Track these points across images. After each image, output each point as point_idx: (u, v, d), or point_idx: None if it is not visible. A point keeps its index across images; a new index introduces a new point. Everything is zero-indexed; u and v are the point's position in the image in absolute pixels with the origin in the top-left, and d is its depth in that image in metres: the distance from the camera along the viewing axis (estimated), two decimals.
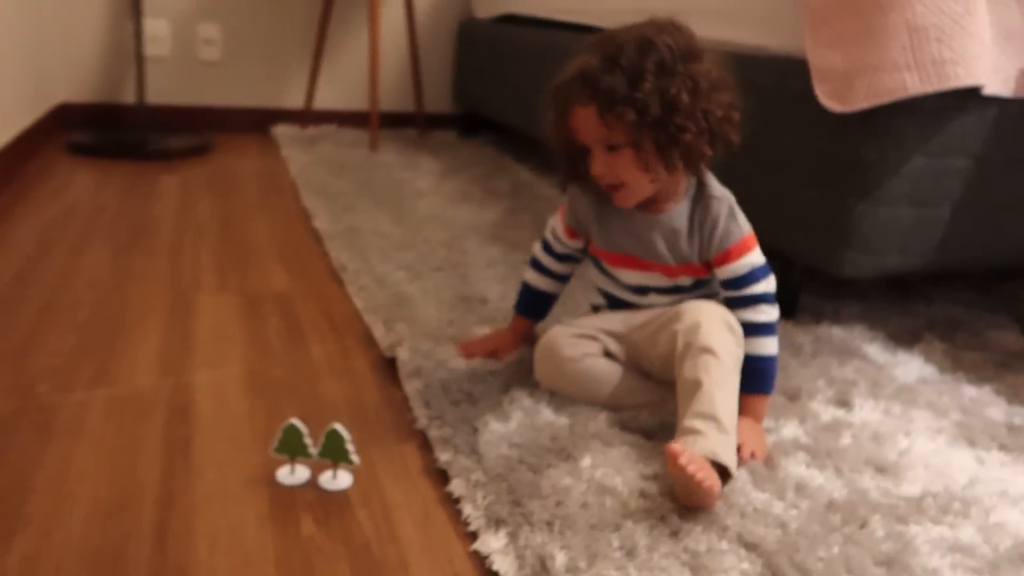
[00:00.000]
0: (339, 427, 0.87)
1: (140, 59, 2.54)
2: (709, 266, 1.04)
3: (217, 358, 1.15)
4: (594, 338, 1.07)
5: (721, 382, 0.93)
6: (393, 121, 3.06)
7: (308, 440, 0.88)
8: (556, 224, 1.12)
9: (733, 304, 1.02)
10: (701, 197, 1.03)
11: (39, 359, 1.11)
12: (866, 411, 1.10)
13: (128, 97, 2.74)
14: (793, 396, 1.12)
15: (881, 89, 1.16)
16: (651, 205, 1.03)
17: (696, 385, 0.92)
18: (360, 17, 2.94)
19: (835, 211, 1.27)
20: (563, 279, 1.16)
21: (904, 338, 1.36)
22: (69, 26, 2.65)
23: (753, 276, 1.02)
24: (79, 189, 2.01)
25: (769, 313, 1.02)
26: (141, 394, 1.04)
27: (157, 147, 2.43)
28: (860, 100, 1.17)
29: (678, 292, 1.07)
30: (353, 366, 1.16)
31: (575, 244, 1.12)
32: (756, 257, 1.02)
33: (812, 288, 1.55)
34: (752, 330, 1.00)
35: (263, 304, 1.36)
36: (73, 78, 2.71)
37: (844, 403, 1.12)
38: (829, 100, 1.21)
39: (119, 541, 0.77)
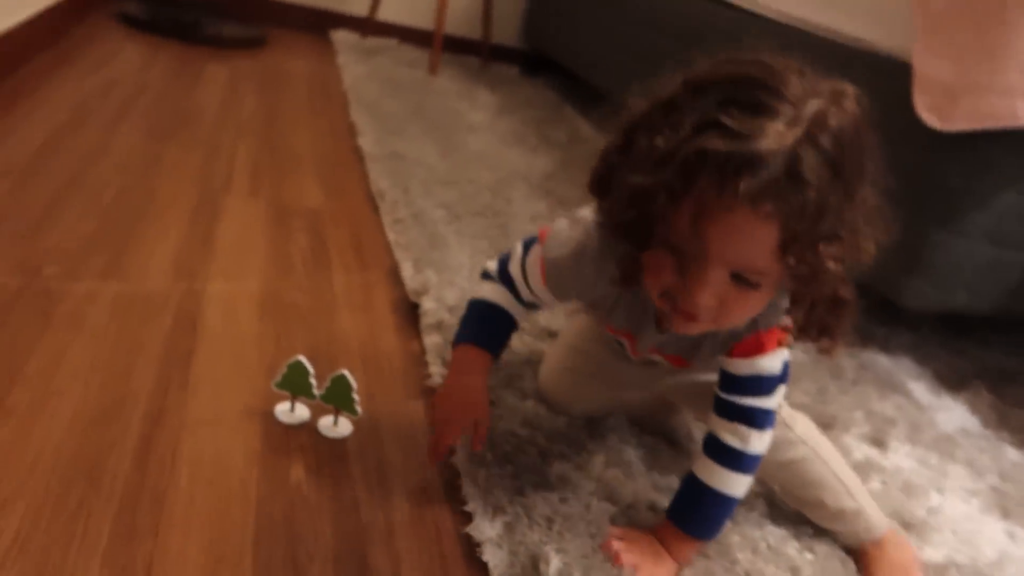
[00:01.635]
0: (347, 374, 0.81)
1: None
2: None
3: (235, 269, 1.10)
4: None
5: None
6: (456, 46, 2.94)
7: (313, 380, 0.82)
8: (533, 271, 0.78)
9: (716, 407, 0.75)
10: None
11: (52, 238, 1.05)
12: (901, 456, 1.03)
13: None
14: (827, 424, 1.05)
15: (987, 113, 1.06)
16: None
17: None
18: None
19: (908, 234, 1.17)
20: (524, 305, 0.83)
21: (951, 381, 1.28)
22: None
23: (754, 385, 0.73)
24: (124, 63, 1.94)
25: (749, 441, 0.73)
26: (151, 294, 0.99)
27: (210, 32, 2.34)
28: (961, 120, 1.07)
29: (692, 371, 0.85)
30: (374, 303, 1.10)
31: (550, 303, 0.81)
32: (770, 363, 0.73)
33: (862, 306, 1.46)
34: (717, 453, 0.74)
35: (292, 218, 1.30)
36: None
37: (879, 443, 1.05)
38: (928, 114, 1.11)
39: (100, 451, 0.73)
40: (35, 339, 0.85)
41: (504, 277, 0.81)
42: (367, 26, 2.78)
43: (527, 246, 0.79)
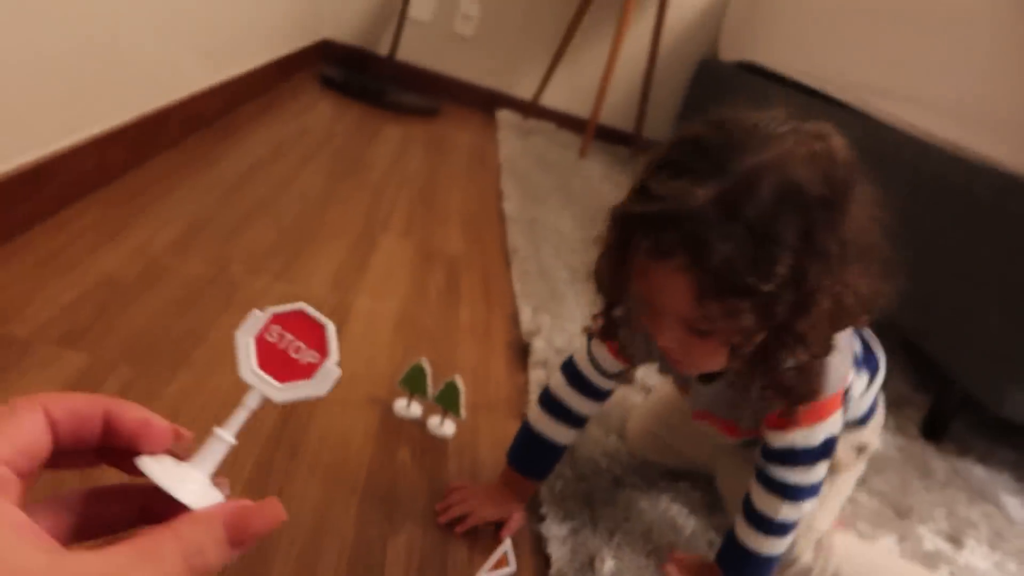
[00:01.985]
0: (458, 380, 0.95)
1: (403, 18, 2.78)
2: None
3: (380, 291, 1.28)
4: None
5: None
6: (609, 135, 3.14)
7: (429, 383, 0.97)
8: (600, 352, 0.82)
9: (755, 471, 0.77)
10: None
11: (242, 242, 1.28)
12: (976, 556, 1.04)
13: (382, 49, 3.01)
14: (903, 513, 1.08)
15: None
16: None
17: None
18: (608, 30, 3.04)
19: (1014, 344, 1.20)
20: (581, 424, 0.85)
21: None
22: None
23: (788, 456, 0.74)
24: (318, 115, 2.24)
25: (780, 511, 0.75)
26: (311, 297, 1.17)
27: (392, 99, 2.65)
28: None
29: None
30: (492, 337, 1.24)
31: (619, 367, 0.82)
32: (805, 437, 0.73)
33: (968, 420, 1.46)
34: (751, 517, 0.77)
35: (435, 259, 1.48)
36: (341, 19, 3.00)
37: (954, 540, 1.06)
38: None
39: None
40: (217, 315, 1.05)
41: (574, 378, 0.84)
42: (529, 109, 3.03)
43: (589, 337, 0.84)
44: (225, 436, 0.32)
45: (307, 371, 0.33)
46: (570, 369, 0.85)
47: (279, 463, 0.82)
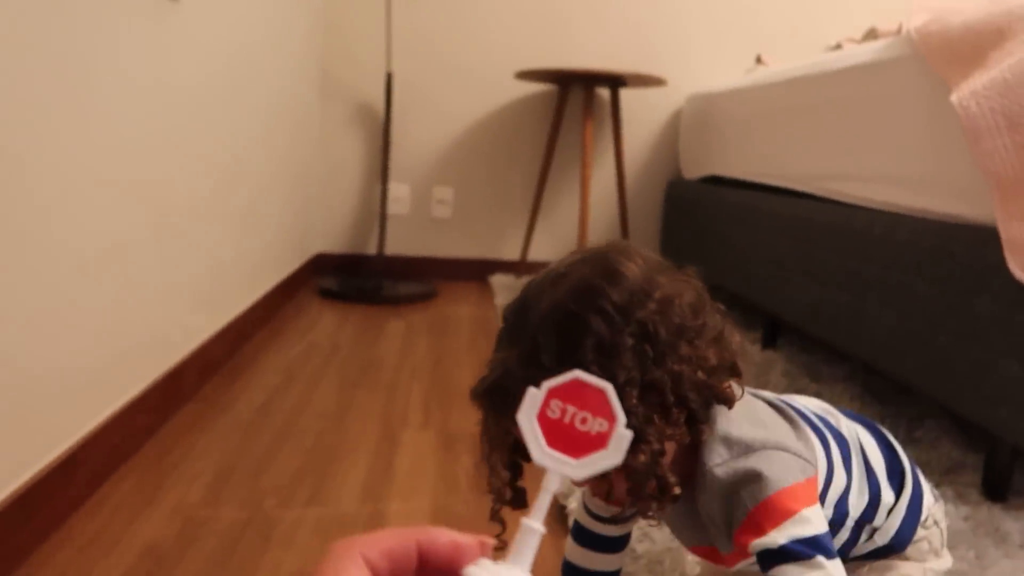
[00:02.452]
0: None
1: (383, 217, 2.95)
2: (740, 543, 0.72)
3: (410, 491, 1.29)
4: None
5: None
6: None
7: None
8: (586, 495, 0.85)
9: None
10: (739, 456, 0.69)
11: (270, 477, 1.31)
12: None
13: (370, 249, 3.16)
14: None
15: None
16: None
17: None
18: (574, 177, 3.21)
19: None
20: (620, 546, 0.86)
21: None
22: (331, 190, 3.15)
23: (787, 554, 0.66)
24: (322, 328, 2.34)
25: None
26: (344, 515, 1.19)
27: (389, 293, 2.76)
28: None
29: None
30: (530, 509, 1.24)
31: (612, 510, 0.83)
32: (793, 528, 0.66)
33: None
34: None
35: (457, 443, 1.50)
36: (329, 232, 3.18)
37: None
38: (1022, 273, 1.17)
39: None
40: (259, 557, 1.06)
41: (579, 535, 0.87)
42: (520, 267, 3.14)
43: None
44: (535, 526, 0.32)
45: (600, 441, 0.32)
46: (574, 528, 0.87)
47: None
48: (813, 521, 0.67)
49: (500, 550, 0.33)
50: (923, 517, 0.81)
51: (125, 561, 1.03)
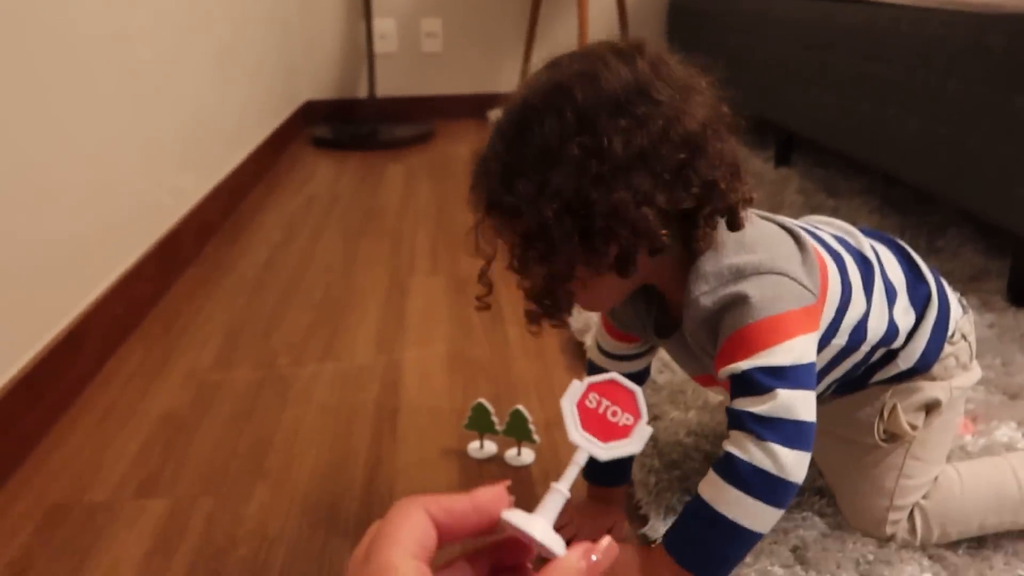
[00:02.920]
0: (521, 408, 0.93)
1: (371, 56, 2.78)
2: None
3: (425, 337, 1.27)
4: None
5: None
6: None
7: (495, 418, 0.95)
8: (602, 335, 0.82)
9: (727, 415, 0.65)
10: (725, 284, 0.64)
11: (281, 336, 1.29)
12: None
13: (361, 92, 3.01)
14: (1015, 394, 1.02)
15: None
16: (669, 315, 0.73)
17: None
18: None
19: None
20: (639, 382, 0.67)
21: None
22: (311, 32, 2.96)
23: (744, 380, 0.63)
24: (319, 180, 2.26)
25: (748, 451, 0.61)
26: (360, 368, 1.18)
27: (386, 137, 2.66)
28: None
29: None
30: (545, 347, 1.23)
31: (629, 349, 0.81)
32: (762, 358, 0.62)
33: None
34: (719, 465, 0.63)
35: (468, 286, 1.46)
36: (316, 78, 3.02)
37: None
38: None
39: (335, 496, 0.90)
40: (278, 415, 1.06)
41: (594, 370, 0.84)
42: None
43: None
44: (562, 490, 0.37)
45: (625, 431, 0.39)
46: (588, 367, 0.85)
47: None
48: (795, 350, 0.62)
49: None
50: (950, 333, 0.77)
51: (143, 430, 1.03)
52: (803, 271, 0.66)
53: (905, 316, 0.74)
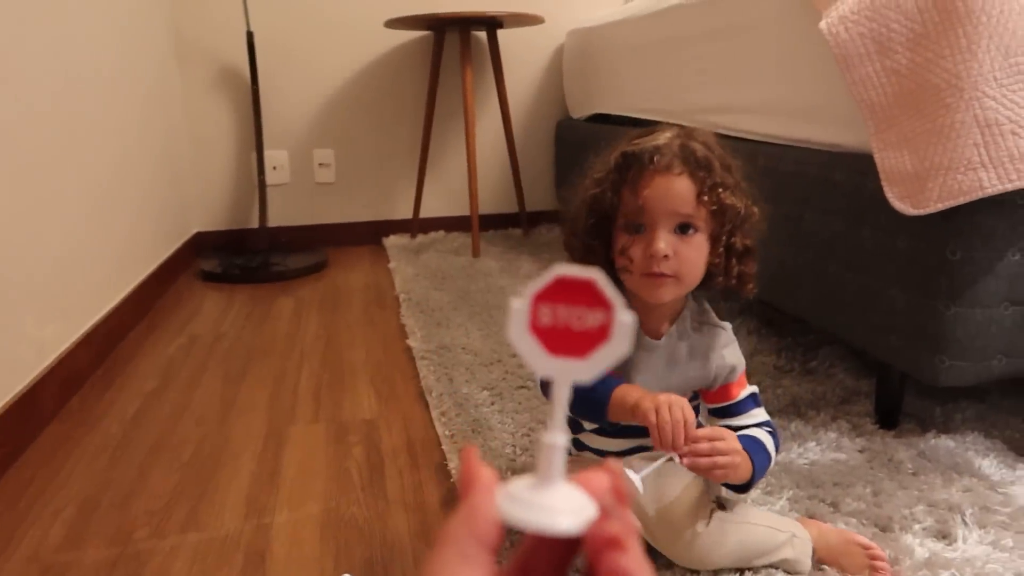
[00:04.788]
0: None
1: (263, 187, 2.77)
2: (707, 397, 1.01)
3: (299, 496, 1.20)
4: None
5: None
6: (498, 222, 3.16)
7: None
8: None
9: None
10: (704, 322, 0.99)
11: (142, 503, 1.20)
12: (971, 544, 0.99)
13: (253, 222, 2.98)
14: (884, 527, 1.04)
15: (955, 189, 1.09)
16: (645, 324, 0.97)
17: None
18: (460, 127, 3.09)
19: (925, 315, 1.19)
20: None
21: None
22: (202, 164, 2.94)
23: (750, 403, 0.98)
24: (204, 317, 2.18)
25: (768, 438, 0.95)
26: (225, 538, 1.10)
27: (277, 268, 2.61)
28: (933, 202, 1.11)
29: None
30: (426, 501, 1.18)
31: None
32: (751, 388, 0.99)
33: (920, 388, 1.44)
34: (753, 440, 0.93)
35: (350, 433, 1.41)
36: (207, 209, 2.98)
37: (944, 535, 1.02)
38: (901, 203, 1.15)
39: None
40: None
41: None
42: (414, 226, 3.03)
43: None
44: (556, 440, 0.30)
45: (602, 334, 0.30)
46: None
47: None
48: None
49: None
50: None
51: None
52: None
53: None
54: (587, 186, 0.94)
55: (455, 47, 2.96)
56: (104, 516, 1.16)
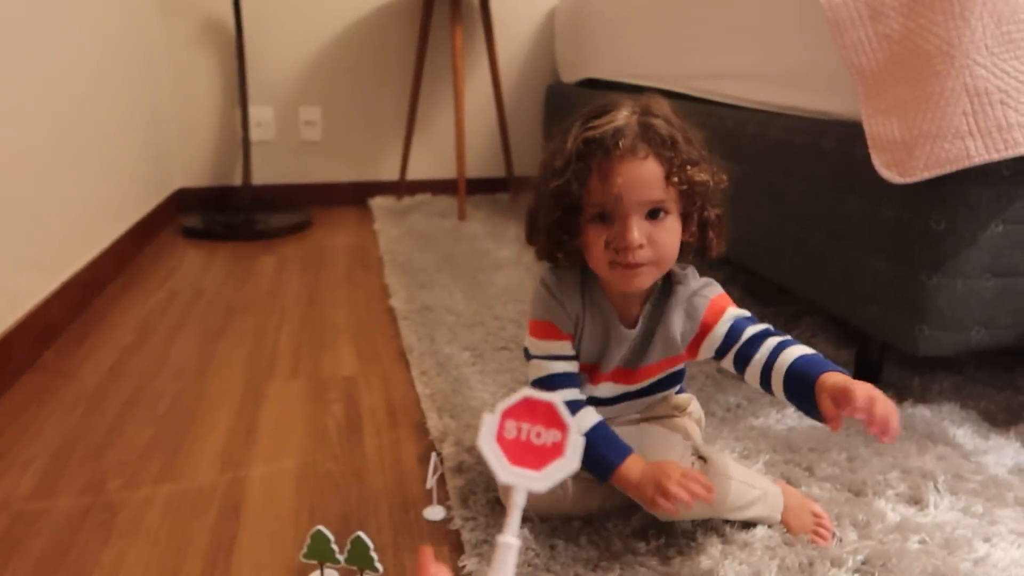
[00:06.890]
0: (362, 535, 0.88)
1: (247, 143, 2.73)
2: (693, 347, 0.95)
3: (275, 451, 1.20)
4: None
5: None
6: (485, 186, 3.13)
7: (335, 546, 0.89)
8: (539, 346, 0.95)
9: (736, 365, 0.92)
10: (675, 282, 0.94)
11: (116, 454, 1.19)
12: (942, 510, 1.00)
13: (236, 179, 2.94)
14: (858, 491, 1.04)
15: (942, 158, 1.08)
16: (621, 312, 0.95)
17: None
18: (449, 88, 3.05)
19: (907, 285, 1.19)
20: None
21: (1000, 419, 1.24)
22: (184, 118, 2.89)
23: (741, 324, 0.92)
24: (185, 273, 2.16)
25: (781, 334, 0.93)
26: (200, 490, 1.09)
27: (260, 227, 2.58)
28: (920, 170, 1.10)
29: (649, 393, 1.02)
30: (402, 459, 1.17)
31: (569, 360, 0.96)
32: (737, 310, 0.94)
33: (899, 358, 1.45)
34: (774, 347, 0.90)
35: (329, 391, 1.40)
36: (189, 165, 2.94)
37: (916, 500, 1.03)
38: (888, 171, 1.14)
39: None
40: (99, 550, 0.96)
41: (546, 384, 0.93)
42: (400, 188, 3.00)
43: (526, 352, 0.97)
44: (511, 541, 0.34)
45: (557, 450, 0.35)
46: (543, 383, 0.93)
47: None
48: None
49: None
50: None
51: None
52: None
53: None
54: (547, 177, 0.88)
55: (445, 6, 2.91)
56: (77, 466, 1.15)
